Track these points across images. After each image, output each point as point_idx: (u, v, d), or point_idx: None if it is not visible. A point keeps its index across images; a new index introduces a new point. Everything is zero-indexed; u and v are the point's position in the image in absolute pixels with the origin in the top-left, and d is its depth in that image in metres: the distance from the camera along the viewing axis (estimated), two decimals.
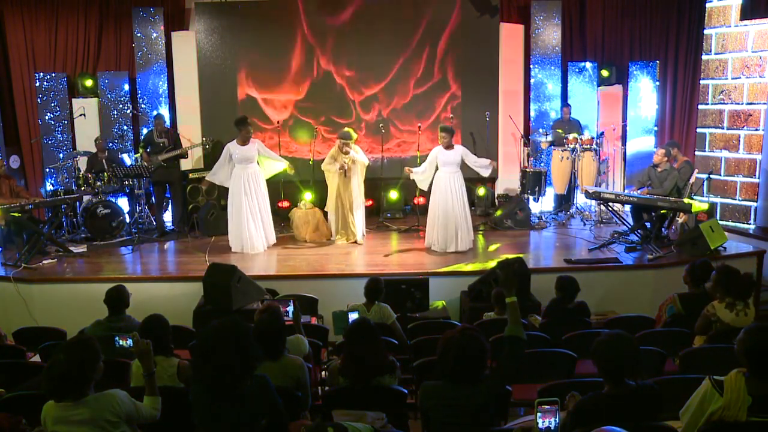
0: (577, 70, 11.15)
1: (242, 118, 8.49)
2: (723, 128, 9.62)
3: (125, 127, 10.88)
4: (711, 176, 9.31)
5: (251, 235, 8.39)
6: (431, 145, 9.07)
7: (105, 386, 3.34)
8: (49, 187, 10.70)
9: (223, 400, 3.16)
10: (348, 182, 8.54)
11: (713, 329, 4.80)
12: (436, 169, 8.25)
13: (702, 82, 10.01)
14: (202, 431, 3.23)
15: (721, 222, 8.96)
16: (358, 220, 8.72)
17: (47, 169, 10.81)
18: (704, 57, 9.91)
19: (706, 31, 9.83)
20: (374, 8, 10.65)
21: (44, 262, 8.02)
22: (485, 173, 8.49)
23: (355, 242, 8.71)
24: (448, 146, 8.14)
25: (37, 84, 10.79)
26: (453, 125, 10.30)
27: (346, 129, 8.74)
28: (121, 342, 4.28)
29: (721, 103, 9.63)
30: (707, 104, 9.86)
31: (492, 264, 7.30)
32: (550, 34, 10.98)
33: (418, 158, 9.74)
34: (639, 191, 8.71)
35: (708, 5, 9.71)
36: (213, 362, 3.12)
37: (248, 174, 8.37)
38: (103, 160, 9.71)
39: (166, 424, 3.59)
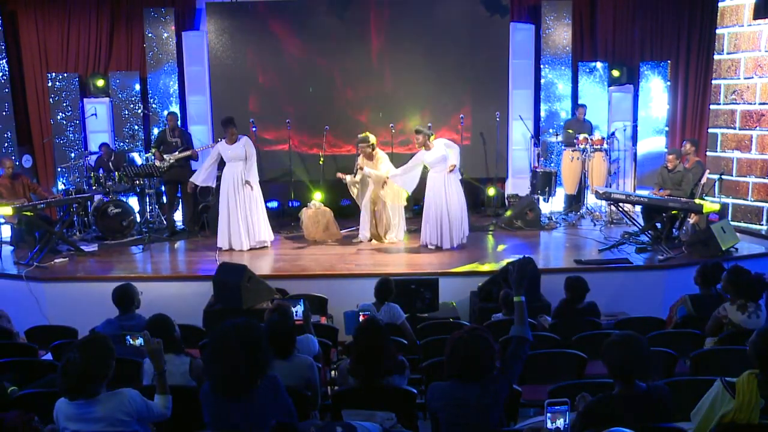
0: (587, 70, 11.11)
1: (228, 119, 8.57)
2: (735, 128, 9.54)
3: (136, 127, 10.95)
4: (723, 177, 9.25)
5: (234, 233, 8.45)
6: None
7: (116, 385, 3.36)
8: (60, 186, 10.78)
9: (233, 400, 3.16)
10: (382, 191, 8.60)
11: (724, 331, 4.78)
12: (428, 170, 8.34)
13: (714, 82, 9.94)
14: (212, 430, 3.24)
15: (732, 223, 8.90)
16: (389, 223, 8.75)
17: (59, 169, 10.89)
18: (716, 57, 9.84)
19: (718, 31, 9.76)
20: (384, 8, 10.65)
21: (56, 261, 8.07)
22: (453, 159, 8.31)
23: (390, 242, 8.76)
24: (425, 146, 8.21)
25: (50, 84, 10.88)
26: (463, 126, 10.32)
27: (363, 134, 8.74)
28: (131, 341, 4.30)
29: (733, 103, 9.56)
30: (719, 104, 9.79)
31: (502, 264, 7.28)
32: (561, 34, 10.94)
33: None
34: (660, 191, 8.71)
35: (720, 4, 9.64)
36: (223, 363, 3.12)
37: (237, 173, 8.43)
38: (110, 163, 9.77)
39: (179, 422, 3.60)
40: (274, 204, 10.57)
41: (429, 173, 8.32)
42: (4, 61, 10.62)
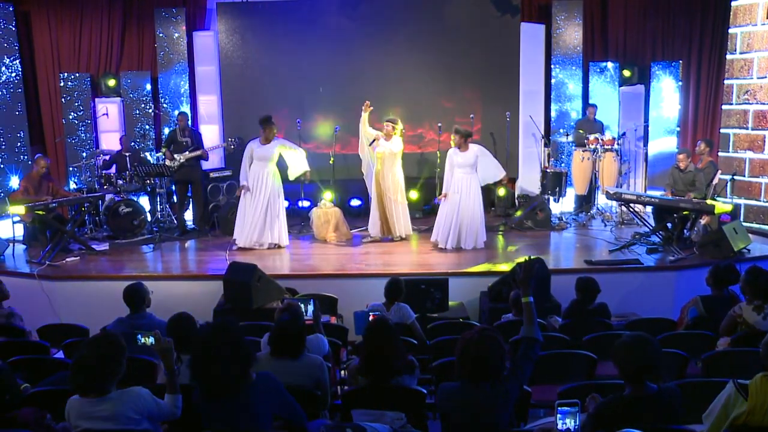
0: (598, 70, 11.07)
1: (267, 117, 8.52)
2: (747, 129, 9.47)
3: (147, 127, 11.01)
4: (735, 177, 9.19)
5: (249, 231, 8.45)
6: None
7: (127, 384, 3.37)
8: (72, 185, 10.83)
9: (225, 401, 3.16)
10: (386, 176, 8.59)
11: (738, 331, 4.74)
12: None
13: (726, 81, 9.87)
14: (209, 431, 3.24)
15: (745, 224, 8.84)
16: (398, 217, 8.74)
17: (70, 168, 10.95)
18: (729, 56, 9.77)
19: (731, 30, 9.68)
20: (395, 7, 10.66)
21: (67, 259, 8.12)
22: (496, 177, 8.57)
23: (394, 239, 8.77)
24: (461, 147, 8.25)
25: (62, 84, 10.96)
26: (473, 125, 10.26)
27: (394, 116, 8.86)
28: (142, 339, 4.31)
29: (745, 103, 9.48)
30: (731, 104, 9.72)
31: (512, 265, 7.26)
32: (572, 34, 10.91)
33: (438, 156, 9.73)
34: (671, 192, 8.68)
35: (733, 4, 9.57)
36: (210, 366, 3.12)
37: (264, 173, 8.44)
38: (127, 158, 9.81)
39: (190, 421, 3.61)
40: (284, 204, 10.56)
41: (452, 175, 8.32)
42: (17, 61, 10.68)
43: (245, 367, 3.17)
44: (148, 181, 9.78)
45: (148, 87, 11.04)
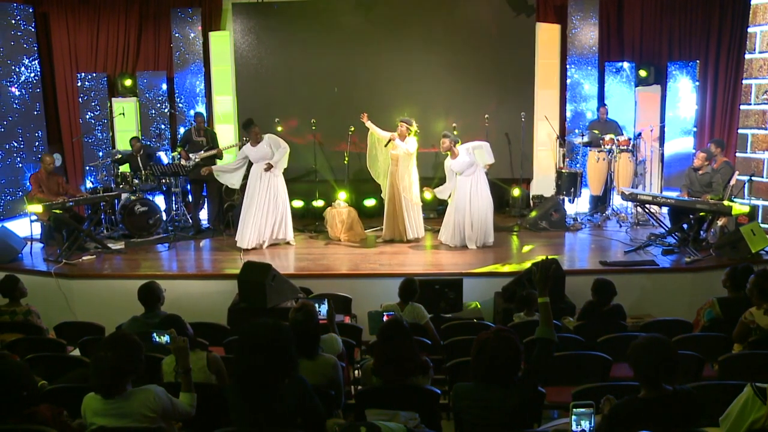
0: (614, 70, 11.00)
1: (248, 121, 8.65)
2: (766, 129, 9.36)
3: (163, 126, 11.08)
4: (753, 178, 9.09)
5: (250, 231, 8.50)
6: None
7: (139, 382, 3.39)
8: (88, 184, 10.94)
9: (258, 400, 3.16)
10: (401, 176, 8.61)
11: (752, 336, 4.69)
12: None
13: (744, 81, 9.76)
14: (237, 427, 3.24)
15: (763, 225, 8.74)
16: (412, 218, 8.75)
17: (87, 167, 11.04)
18: (747, 56, 9.65)
19: (750, 29, 9.57)
20: (410, 8, 10.65)
21: (83, 258, 8.19)
22: (488, 159, 8.48)
23: (404, 241, 8.77)
24: (450, 153, 8.32)
25: (79, 84, 11.06)
26: (488, 126, 10.21)
27: (409, 118, 8.88)
28: (158, 339, 4.35)
29: (764, 104, 9.37)
30: (749, 104, 9.60)
31: (526, 265, 7.24)
32: (587, 34, 10.85)
33: None
34: (688, 193, 8.61)
35: (753, 2, 9.44)
36: (243, 362, 3.11)
37: (264, 172, 8.49)
38: (139, 159, 9.88)
39: (201, 419, 3.63)
40: (299, 203, 10.61)
41: (458, 178, 8.39)
42: (36, 61, 10.80)
43: (285, 370, 3.15)
44: (164, 181, 9.85)
45: (164, 87, 11.13)
